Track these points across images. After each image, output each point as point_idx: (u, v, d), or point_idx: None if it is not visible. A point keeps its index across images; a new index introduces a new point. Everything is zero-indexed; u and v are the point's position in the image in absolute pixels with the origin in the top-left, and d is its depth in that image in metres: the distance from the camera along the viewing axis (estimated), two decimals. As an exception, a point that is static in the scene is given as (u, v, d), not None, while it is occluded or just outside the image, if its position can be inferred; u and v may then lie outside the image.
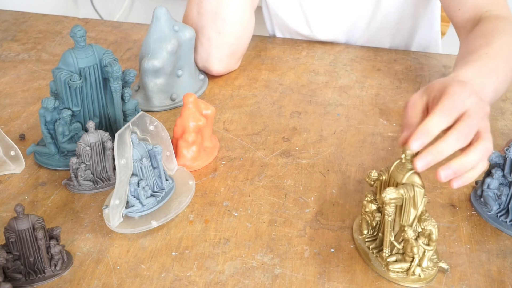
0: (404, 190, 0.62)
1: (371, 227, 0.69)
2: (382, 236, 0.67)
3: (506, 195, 0.72)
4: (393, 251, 0.66)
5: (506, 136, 0.89)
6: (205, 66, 1.06)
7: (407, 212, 0.64)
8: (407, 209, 0.63)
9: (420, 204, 0.63)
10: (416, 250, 0.64)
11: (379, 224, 0.68)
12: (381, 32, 1.19)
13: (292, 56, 1.16)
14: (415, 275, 0.65)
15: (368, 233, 0.70)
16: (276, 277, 0.66)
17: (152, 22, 0.96)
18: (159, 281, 0.65)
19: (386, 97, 1.01)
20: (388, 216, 0.63)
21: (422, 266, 0.65)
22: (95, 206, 0.77)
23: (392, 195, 0.62)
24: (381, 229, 0.68)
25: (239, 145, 0.88)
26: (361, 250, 0.69)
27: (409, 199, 0.63)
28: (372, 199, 0.68)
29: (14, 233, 0.64)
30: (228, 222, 0.74)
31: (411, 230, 0.64)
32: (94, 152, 0.78)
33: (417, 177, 0.63)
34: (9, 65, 1.14)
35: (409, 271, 0.65)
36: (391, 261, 0.66)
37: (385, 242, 0.66)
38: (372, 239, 0.69)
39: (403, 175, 0.63)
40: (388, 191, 0.62)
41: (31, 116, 0.96)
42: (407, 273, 0.65)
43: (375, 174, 0.66)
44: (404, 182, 0.63)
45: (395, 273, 0.65)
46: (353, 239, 0.71)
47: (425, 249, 0.64)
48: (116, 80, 0.82)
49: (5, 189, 0.80)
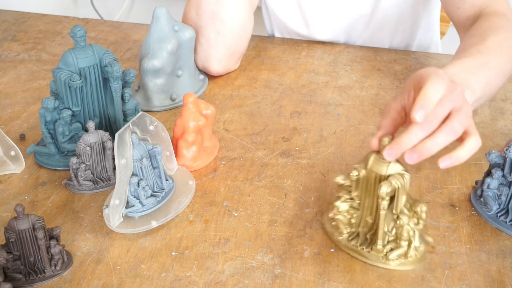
0: (396, 181, 0.64)
1: (349, 225, 0.70)
2: (364, 230, 0.69)
3: (506, 195, 0.72)
4: (385, 240, 0.67)
5: (506, 136, 0.89)
6: (204, 67, 1.06)
7: (400, 200, 0.65)
8: (399, 197, 0.65)
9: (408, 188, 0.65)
10: (412, 233, 0.66)
11: (357, 220, 0.69)
12: (380, 32, 1.19)
13: (292, 56, 1.16)
14: (411, 257, 0.67)
15: (348, 232, 0.70)
16: (276, 277, 0.66)
17: (152, 22, 0.96)
18: (159, 281, 0.65)
19: (386, 97, 1.01)
20: (383, 209, 0.65)
21: (416, 246, 0.67)
22: (95, 206, 0.77)
23: (388, 189, 0.63)
24: (361, 224, 0.69)
25: (239, 145, 0.88)
26: (349, 249, 0.69)
27: (401, 187, 0.64)
28: (347, 198, 0.69)
29: (14, 233, 0.64)
30: (228, 222, 0.74)
31: (406, 216, 0.65)
32: (94, 152, 0.78)
33: (399, 165, 0.65)
34: (9, 65, 1.14)
35: (407, 254, 0.67)
36: (388, 251, 0.67)
37: (379, 235, 0.67)
38: (354, 236, 0.70)
39: (386, 167, 0.64)
40: (383, 186, 0.63)
41: (31, 116, 0.96)
42: (406, 256, 0.67)
43: (355, 173, 0.67)
44: (389, 173, 0.64)
45: (395, 260, 0.67)
46: (333, 242, 0.70)
47: (416, 229, 0.66)
48: (116, 80, 0.82)
49: (5, 189, 0.80)
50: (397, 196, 0.65)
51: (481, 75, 0.80)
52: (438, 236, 0.71)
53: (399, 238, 0.66)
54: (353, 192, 0.69)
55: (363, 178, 0.67)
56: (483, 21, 0.92)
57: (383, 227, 0.66)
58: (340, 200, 0.69)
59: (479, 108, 0.96)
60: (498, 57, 0.84)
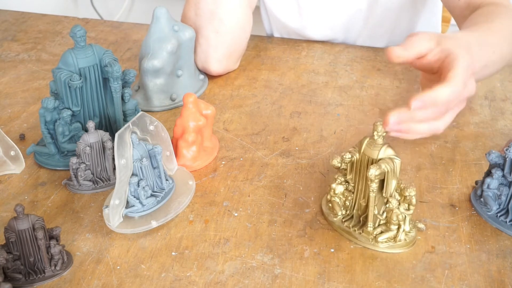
0: (385, 165, 0.66)
1: (344, 207, 0.72)
2: (358, 213, 0.71)
3: (506, 195, 0.72)
4: (376, 223, 0.69)
5: (506, 136, 0.89)
6: (204, 67, 1.06)
7: (390, 184, 0.67)
8: (389, 181, 0.67)
9: (399, 173, 0.67)
10: (401, 217, 0.68)
11: (352, 202, 0.72)
12: (379, 29, 1.19)
13: (292, 56, 1.16)
14: (401, 241, 0.69)
15: (342, 214, 0.72)
16: (276, 277, 0.66)
17: (152, 22, 0.96)
18: (159, 281, 0.65)
19: (386, 97, 1.01)
20: (373, 192, 0.67)
21: (406, 231, 0.69)
22: (95, 206, 0.77)
23: (377, 171, 0.65)
24: (355, 206, 0.71)
25: (239, 145, 0.88)
26: (342, 230, 0.71)
27: (391, 171, 0.66)
28: (342, 181, 0.71)
29: (14, 233, 0.64)
30: (228, 222, 0.74)
31: (395, 200, 0.67)
32: (94, 152, 0.78)
33: (391, 150, 0.67)
34: (9, 65, 1.14)
35: (396, 238, 0.68)
36: (378, 234, 0.69)
37: (369, 217, 0.69)
38: (348, 218, 0.72)
39: (378, 151, 0.67)
40: (372, 169, 0.65)
41: (31, 116, 0.96)
42: (395, 240, 0.68)
43: (348, 156, 0.69)
44: (380, 157, 0.66)
45: (384, 243, 0.68)
46: (327, 222, 0.72)
47: (406, 214, 0.68)
48: (116, 80, 0.82)
49: (5, 189, 0.80)
50: (387, 180, 0.67)
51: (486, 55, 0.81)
52: (438, 236, 0.71)
53: (389, 221, 0.68)
54: (348, 175, 0.71)
55: (357, 162, 0.69)
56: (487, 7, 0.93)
57: (373, 209, 0.68)
58: (335, 182, 0.72)
59: (479, 108, 0.96)
60: (503, 42, 0.85)
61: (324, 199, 0.76)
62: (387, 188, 0.67)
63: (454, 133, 0.90)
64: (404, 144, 0.87)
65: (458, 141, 0.88)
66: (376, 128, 0.66)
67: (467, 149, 0.86)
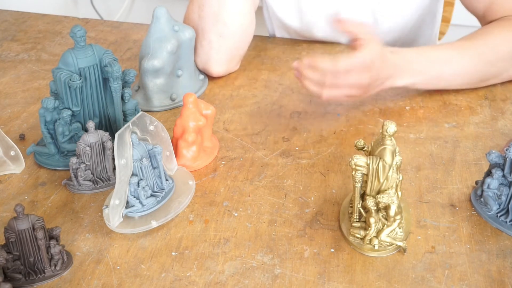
0: (370, 161, 0.66)
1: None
2: None
3: (506, 195, 0.72)
4: (361, 218, 0.69)
5: (506, 136, 0.89)
6: (205, 68, 1.06)
7: (371, 183, 0.67)
8: (371, 179, 0.67)
9: (384, 178, 0.66)
10: (373, 220, 0.67)
11: None
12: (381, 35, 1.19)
13: (292, 56, 1.16)
14: (370, 244, 0.68)
15: None
16: (276, 277, 0.66)
17: (152, 22, 0.96)
18: (159, 281, 0.65)
19: (386, 97, 1.01)
20: (356, 182, 0.67)
21: (381, 239, 0.67)
22: (95, 206, 0.77)
23: (358, 161, 0.65)
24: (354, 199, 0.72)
25: (239, 145, 0.88)
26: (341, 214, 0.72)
27: (374, 170, 0.66)
28: None
29: (14, 233, 0.64)
30: (228, 222, 0.74)
31: (372, 200, 0.67)
32: (94, 152, 0.78)
33: (387, 154, 0.65)
34: (9, 65, 1.14)
35: (365, 238, 0.68)
36: (354, 226, 0.69)
37: (354, 208, 0.69)
38: None
39: (377, 149, 0.66)
40: (355, 157, 0.65)
41: (31, 116, 0.96)
42: (363, 240, 0.68)
43: (361, 142, 0.69)
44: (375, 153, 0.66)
45: (354, 237, 0.69)
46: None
47: (385, 223, 0.67)
48: (116, 80, 0.82)
49: (5, 189, 0.80)
50: (369, 178, 0.67)
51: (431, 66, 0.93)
52: (438, 236, 0.71)
53: (366, 220, 0.68)
54: None
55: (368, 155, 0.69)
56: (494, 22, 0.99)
57: (356, 201, 0.68)
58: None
59: (479, 108, 0.96)
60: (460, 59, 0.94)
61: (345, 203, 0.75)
62: (371, 186, 0.67)
63: (454, 133, 0.90)
64: (404, 144, 0.87)
65: (458, 141, 0.88)
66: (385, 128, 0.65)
67: (467, 149, 0.86)
